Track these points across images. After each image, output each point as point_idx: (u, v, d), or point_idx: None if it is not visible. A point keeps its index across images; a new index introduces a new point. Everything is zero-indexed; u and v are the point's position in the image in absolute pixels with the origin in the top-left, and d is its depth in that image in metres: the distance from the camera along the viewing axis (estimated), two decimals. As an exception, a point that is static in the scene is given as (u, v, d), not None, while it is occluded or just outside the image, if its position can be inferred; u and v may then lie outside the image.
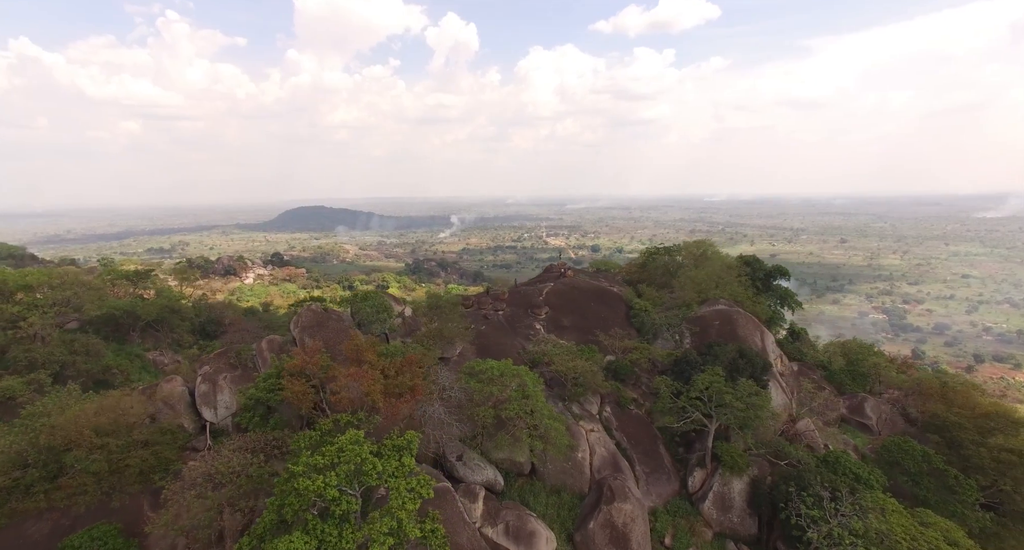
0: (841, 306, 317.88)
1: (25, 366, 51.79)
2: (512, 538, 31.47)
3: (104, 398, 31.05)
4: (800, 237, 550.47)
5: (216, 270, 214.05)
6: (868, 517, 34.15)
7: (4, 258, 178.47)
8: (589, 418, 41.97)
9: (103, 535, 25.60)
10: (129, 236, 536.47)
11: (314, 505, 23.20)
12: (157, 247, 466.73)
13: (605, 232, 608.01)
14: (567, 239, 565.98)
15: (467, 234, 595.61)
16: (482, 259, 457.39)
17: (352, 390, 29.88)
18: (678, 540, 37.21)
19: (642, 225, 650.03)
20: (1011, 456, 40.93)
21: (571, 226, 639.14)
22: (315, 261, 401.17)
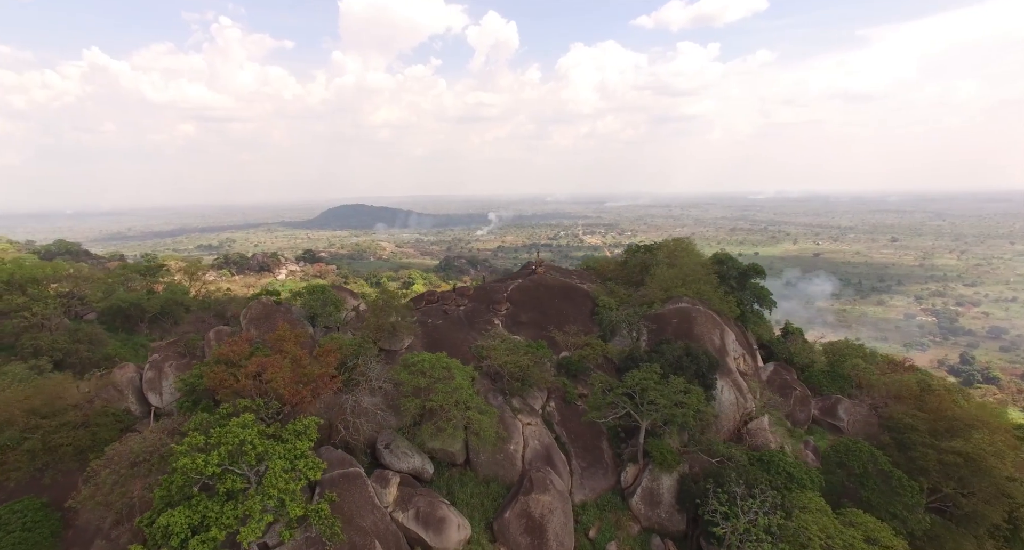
0: (886, 308, 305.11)
1: (31, 352, 56.15)
2: (421, 523, 32.73)
3: (41, 382, 34.00)
4: (847, 236, 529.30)
5: (251, 266, 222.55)
6: (793, 515, 34.06)
7: (62, 253, 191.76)
8: (529, 412, 42.72)
9: (25, 508, 28.30)
10: (182, 233, 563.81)
11: (199, 482, 25.04)
12: (206, 244, 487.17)
13: (643, 230, 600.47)
14: (603, 237, 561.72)
15: (504, 232, 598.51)
16: (516, 257, 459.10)
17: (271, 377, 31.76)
18: (602, 533, 37.71)
19: (681, 223, 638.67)
20: (956, 458, 39.96)
21: (608, 224, 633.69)
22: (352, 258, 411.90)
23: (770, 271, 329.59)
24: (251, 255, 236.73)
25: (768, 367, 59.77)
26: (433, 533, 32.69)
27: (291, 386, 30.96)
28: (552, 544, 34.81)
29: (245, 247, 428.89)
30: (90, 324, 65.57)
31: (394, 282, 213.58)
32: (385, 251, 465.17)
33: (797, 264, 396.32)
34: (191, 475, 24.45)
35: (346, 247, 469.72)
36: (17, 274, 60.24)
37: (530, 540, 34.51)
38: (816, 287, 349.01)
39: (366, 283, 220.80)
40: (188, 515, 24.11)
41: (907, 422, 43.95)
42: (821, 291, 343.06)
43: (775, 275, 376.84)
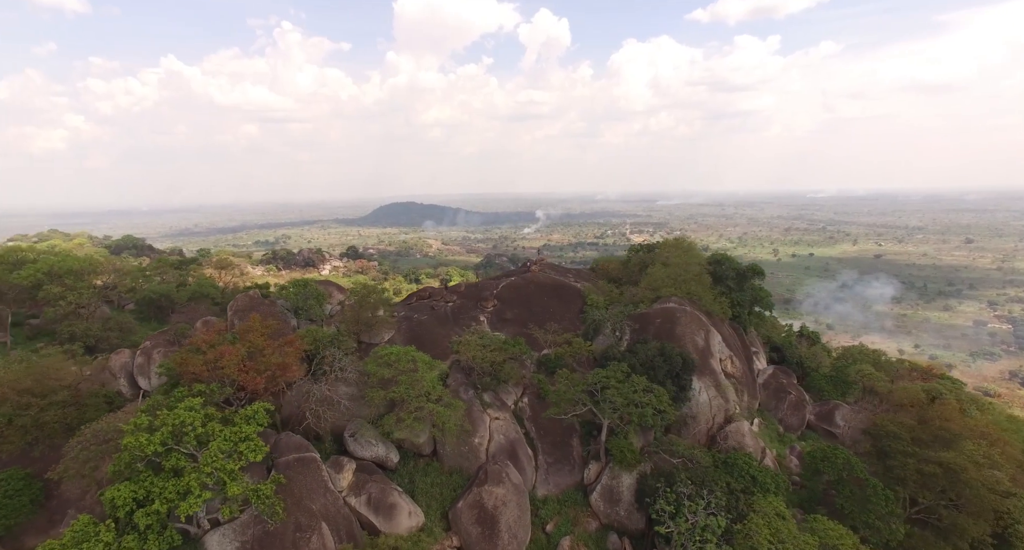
0: (953, 313, 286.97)
1: (67, 338, 61.29)
2: (372, 508, 34.20)
3: (35, 363, 37.49)
4: (915, 236, 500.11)
5: (297, 262, 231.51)
6: (747, 518, 33.79)
7: (128, 247, 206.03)
8: (499, 407, 43.52)
9: (9, 477, 31.47)
10: (243, 230, 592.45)
11: (144, 460, 27.28)
12: (263, 239, 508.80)
13: (692, 229, 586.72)
14: (651, 236, 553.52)
15: (550, 230, 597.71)
16: (561, 255, 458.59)
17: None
18: (559, 528, 38.16)
19: (734, 222, 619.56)
20: (936, 468, 38.33)
21: (658, 223, 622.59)
22: (400, 255, 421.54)
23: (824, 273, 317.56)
24: (297, 251, 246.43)
25: (767, 370, 58.23)
26: (383, 518, 34.10)
27: (245, 373, 33.02)
28: (504, 535, 35.55)
29: (299, 243, 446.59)
30: (123, 313, 70.76)
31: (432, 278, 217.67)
32: (432, 248, 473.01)
33: (855, 266, 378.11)
34: (135, 453, 26.70)
35: (394, 244, 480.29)
36: (57, 266, 65.71)
37: (481, 530, 35.37)
38: (874, 290, 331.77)
39: (404, 279, 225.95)
40: (133, 489, 26.42)
41: (890, 430, 42.22)
42: (880, 295, 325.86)
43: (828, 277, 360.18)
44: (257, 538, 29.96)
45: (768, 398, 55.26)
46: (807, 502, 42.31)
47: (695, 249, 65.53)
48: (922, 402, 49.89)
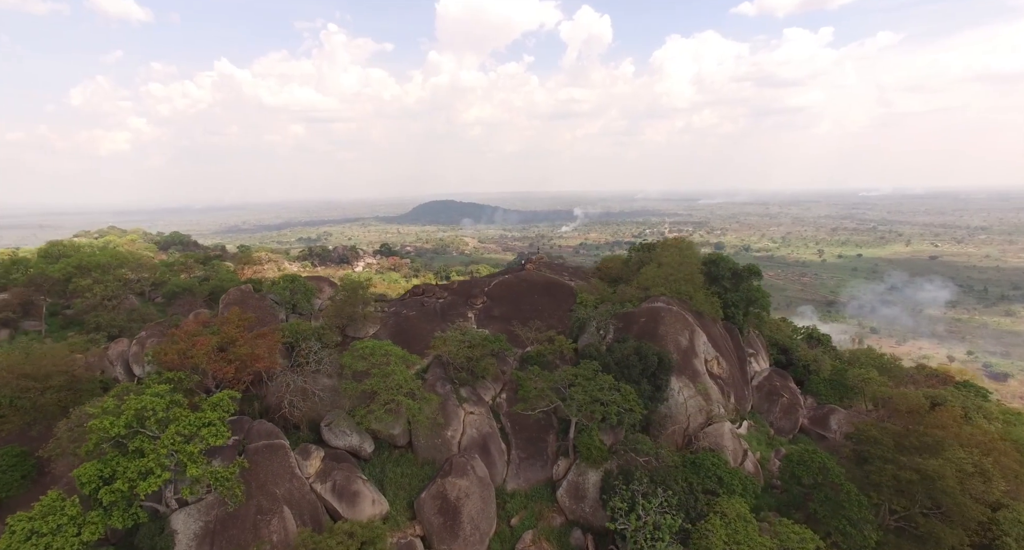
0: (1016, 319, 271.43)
1: (93, 328, 65.47)
2: (336, 495, 35.53)
3: (36, 349, 40.43)
4: (976, 237, 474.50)
5: (332, 258, 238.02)
6: (706, 519, 33.75)
7: (176, 244, 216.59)
8: (476, 402, 44.29)
9: (4, 454, 34.24)
10: (287, 227, 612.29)
11: (110, 441, 29.26)
12: (306, 236, 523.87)
13: (734, 229, 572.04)
14: (691, 235, 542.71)
15: (588, 229, 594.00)
16: (598, 254, 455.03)
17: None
18: (523, 522, 38.66)
19: (778, 222, 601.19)
20: (913, 475, 37.10)
21: (698, 222, 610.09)
22: (436, 252, 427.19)
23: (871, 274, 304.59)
24: (332, 248, 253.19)
25: (763, 372, 57.04)
26: (347, 505, 35.40)
27: (215, 363, 34.87)
28: (466, 527, 36.36)
29: (340, 240, 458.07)
30: (149, 305, 74.89)
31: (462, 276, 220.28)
32: (468, 246, 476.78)
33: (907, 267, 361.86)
34: (101, 434, 28.70)
35: (431, 242, 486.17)
36: (86, 261, 70.23)
37: (443, 520, 36.25)
38: (927, 293, 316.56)
39: (435, 277, 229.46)
40: (99, 468, 28.45)
41: (871, 434, 41.02)
42: (933, 298, 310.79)
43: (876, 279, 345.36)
44: (220, 519, 31.73)
45: (761, 401, 54.14)
46: (785, 506, 41.46)
47: (692, 249, 64.52)
48: (920, 408, 47.96)
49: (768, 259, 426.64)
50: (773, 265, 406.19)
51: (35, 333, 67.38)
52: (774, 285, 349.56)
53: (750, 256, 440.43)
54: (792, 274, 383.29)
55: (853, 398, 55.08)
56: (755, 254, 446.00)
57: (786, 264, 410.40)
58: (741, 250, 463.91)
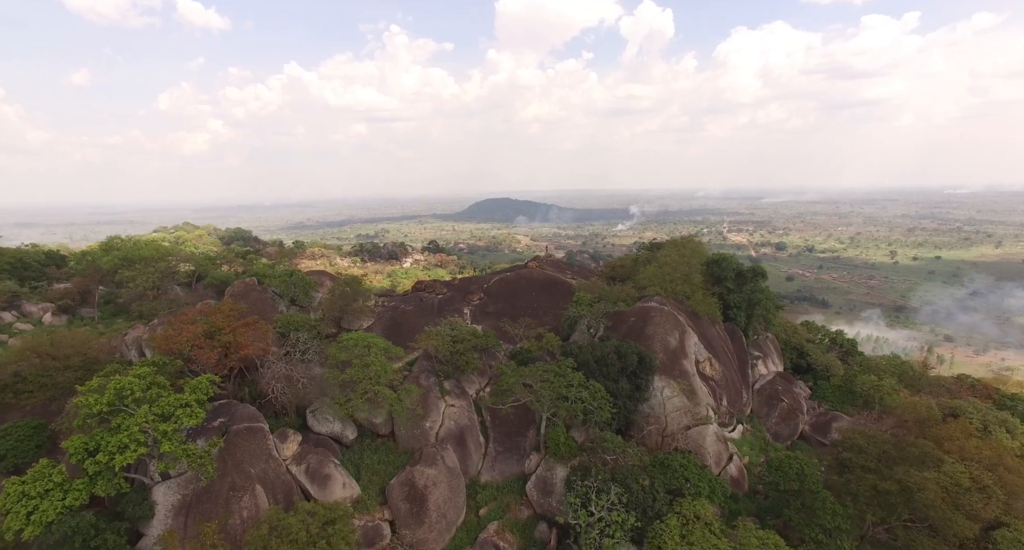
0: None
1: (136, 316, 71.24)
2: (309, 477, 37.58)
3: (58, 333, 44.64)
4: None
5: (382, 254, 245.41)
6: (663, 519, 33.85)
7: (237, 239, 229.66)
8: (458, 395, 45.42)
9: (24, 426, 38.10)
10: (348, 224, 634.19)
11: (96, 417, 32.28)
12: (365, 233, 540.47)
13: (798, 228, 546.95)
14: (751, 235, 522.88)
15: (644, 227, 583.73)
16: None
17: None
18: (491, 513, 39.51)
19: (847, 221, 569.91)
20: (893, 486, 35.84)
21: (760, 221, 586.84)
22: (488, 250, 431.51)
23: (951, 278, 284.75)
24: (382, 245, 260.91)
25: (768, 376, 55.28)
26: (318, 486, 37.38)
27: (199, 349, 37.61)
28: (432, 514, 37.65)
29: (396, 237, 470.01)
30: (192, 294, 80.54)
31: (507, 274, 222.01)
32: (520, 244, 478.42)
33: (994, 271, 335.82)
34: (86, 411, 31.76)
35: (484, 239, 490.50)
36: (131, 254, 76.33)
37: (410, 507, 37.66)
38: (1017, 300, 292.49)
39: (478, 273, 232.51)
40: (85, 441, 31.46)
41: (856, 443, 39.37)
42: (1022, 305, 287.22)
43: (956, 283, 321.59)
44: (196, 493, 34.37)
45: (760, 405, 52.59)
46: (765, 512, 40.44)
47: (696, 249, 62.83)
48: (928, 419, 45.55)
49: (833, 260, 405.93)
50: (838, 267, 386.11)
51: (89, 319, 73.96)
52: (837, 288, 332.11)
53: (813, 257, 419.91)
54: (859, 276, 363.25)
55: (866, 406, 52.46)
56: (819, 255, 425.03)
57: (852, 266, 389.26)
58: (804, 251, 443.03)
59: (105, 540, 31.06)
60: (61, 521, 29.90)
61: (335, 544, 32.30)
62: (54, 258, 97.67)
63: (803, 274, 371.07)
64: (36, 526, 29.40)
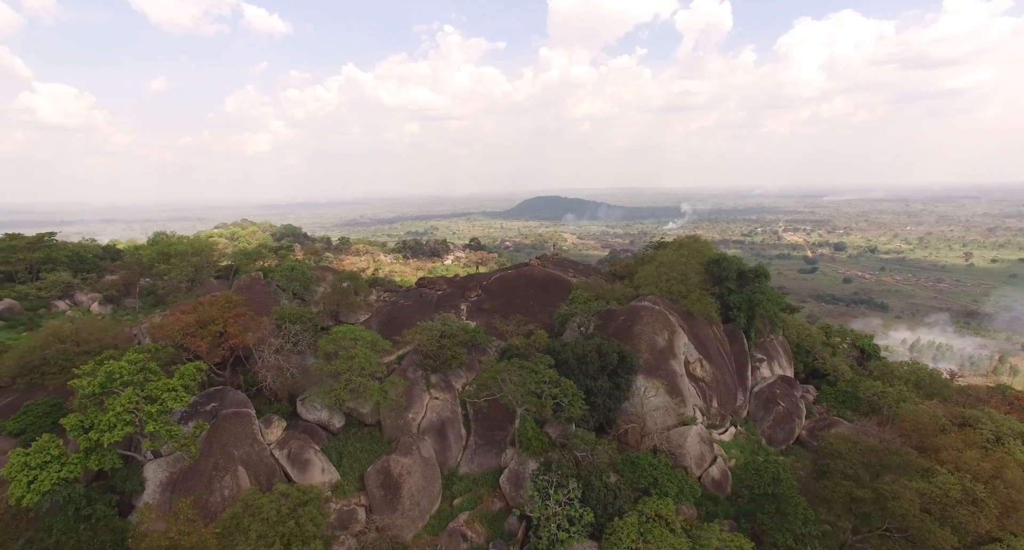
0: None
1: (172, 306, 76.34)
2: (290, 461, 39.63)
3: (77, 320, 48.52)
4: None
5: (424, 251, 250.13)
6: (623, 516, 34.23)
7: (287, 235, 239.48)
8: (444, 388, 46.63)
9: (43, 404, 41.86)
10: (399, 221, 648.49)
11: (91, 397, 35.24)
12: (415, 230, 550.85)
13: (861, 228, 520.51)
14: (808, 235, 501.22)
15: (695, 226, 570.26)
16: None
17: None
18: (464, 504, 40.48)
19: (918, 220, 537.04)
20: (867, 494, 34.71)
21: (819, 221, 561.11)
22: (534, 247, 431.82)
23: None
24: (425, 242, 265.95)
25: (768, 379, 53.81)
26: (298, 470, 39.39)
27: (190, 338, 40.25)
28: (405, 501, 39.06)
29: (445, 234, 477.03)
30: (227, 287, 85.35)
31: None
32: (567, 242, 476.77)
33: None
34: (80, 392, 34.78)
35: (530, 237, 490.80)
36: (166, 248, 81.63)
37: (384, 493, 39.15)
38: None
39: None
40: (80, 419, 34.45)
41: (838, 449, 37.97)
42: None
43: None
44: (182, 471, 37.01)
45: (757, 408, 51.31)
46: (745, 515, 39.75)
47: (701, 248, 61.39)
48: (928, 427, 43.63)
49: (898, 262, 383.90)
50: (903, 268, 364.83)
51: (131, 309, 79.78)
52: (899, 291, 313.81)
53: (875, 258, 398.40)
54: (926, 279, 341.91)
55: (872, 412, 50.21)
56: (882, 256, 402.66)
57: (919, 268, 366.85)
58: (865, 251, 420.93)
59: (95, 510, 33.96)
60: (56, 491, 32.88)
61: (303, 525, 33.96)
62: (110, 252, 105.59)
63: (863, 276, 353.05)
64: (35, 494, 32.41)
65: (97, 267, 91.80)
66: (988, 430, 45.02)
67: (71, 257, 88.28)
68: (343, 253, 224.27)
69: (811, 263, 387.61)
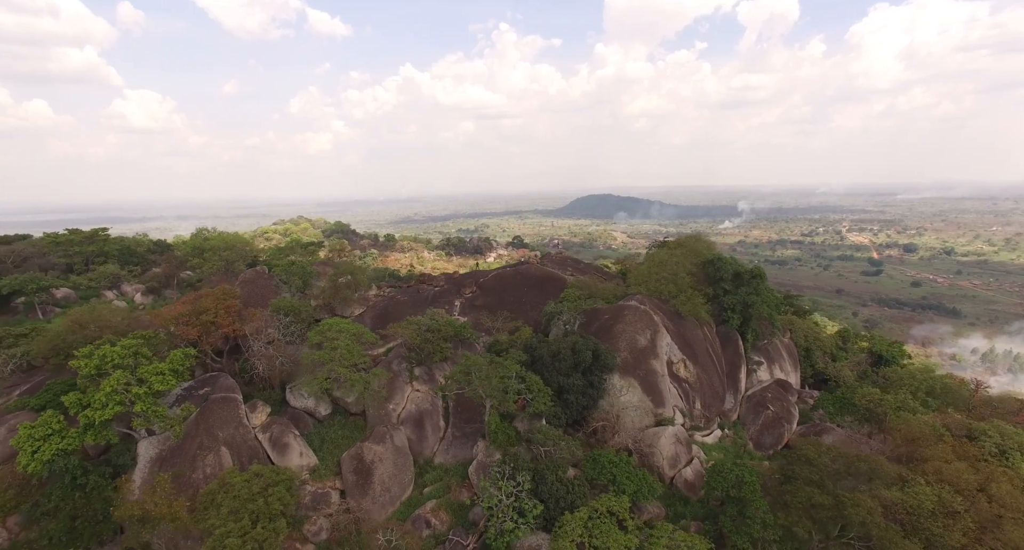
0: None
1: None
2: (271, 444, 42.04)
3: (95, 307, 52.79)
4: None
5: (467, 248, 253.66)
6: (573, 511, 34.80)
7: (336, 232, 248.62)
8: (427, 381, 48.14)
9: (63, 383, 45.66)
10: (452, 218, 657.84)
11: (88, 378, 38.66)
12: (466, 228, 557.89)
13: (937, 228, 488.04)
14: (875, 235, 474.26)
15: (752, 225, 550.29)
16: (756, 253, 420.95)
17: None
18: (433, 492, 41.75)
19: (1007, 220, 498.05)
20: (826, 500, 34.02)
21: (888, 220, 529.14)
22: (583, 246, 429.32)
23: None
24: (468, 239, 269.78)
25: (763, 383, 52.28)
26: (278, 453, 41.75)
27: (183, 326, 43.28)
28: (376, 486, 40.83)
29: (495, 231, 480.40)
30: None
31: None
32: (616, 241, 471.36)
33: None
34: (81, 372, 38.25)
35: (580, 235, 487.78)
36: (200, 244, 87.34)
37: (356, 479, 41.00)
38: None
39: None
40: (79, 397, 37.94)
41: (807, 454, 36.98)
42: None
43: None
44: (171, 449, 39.99)
45: (747, 412, 50.17)
46: (713, 517, 39.24)
47: (697, 248, 59.99)
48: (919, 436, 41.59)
49: (978, 264, 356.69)
50: (983, 272, 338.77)
51: (170, 299, 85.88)
52: (977, 296, 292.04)
53: (951, 260, 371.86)
54: (1011, 284, 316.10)
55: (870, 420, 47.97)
56: (959, 258, 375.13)
57: (1003, 272, 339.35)
58: (940, 253, 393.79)
59: (89, 480, 37.44)
60: (55, 461, 36.43)
61: (271, 503, 36.08)
62: (160, 246, 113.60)
63: (935, 279, 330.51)
64: (37, 463, 36.03)
65: (144, 260, 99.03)
66: (992, 443, 42.34)
67: (121, 251, 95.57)
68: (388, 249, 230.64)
69: (876, 265, 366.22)
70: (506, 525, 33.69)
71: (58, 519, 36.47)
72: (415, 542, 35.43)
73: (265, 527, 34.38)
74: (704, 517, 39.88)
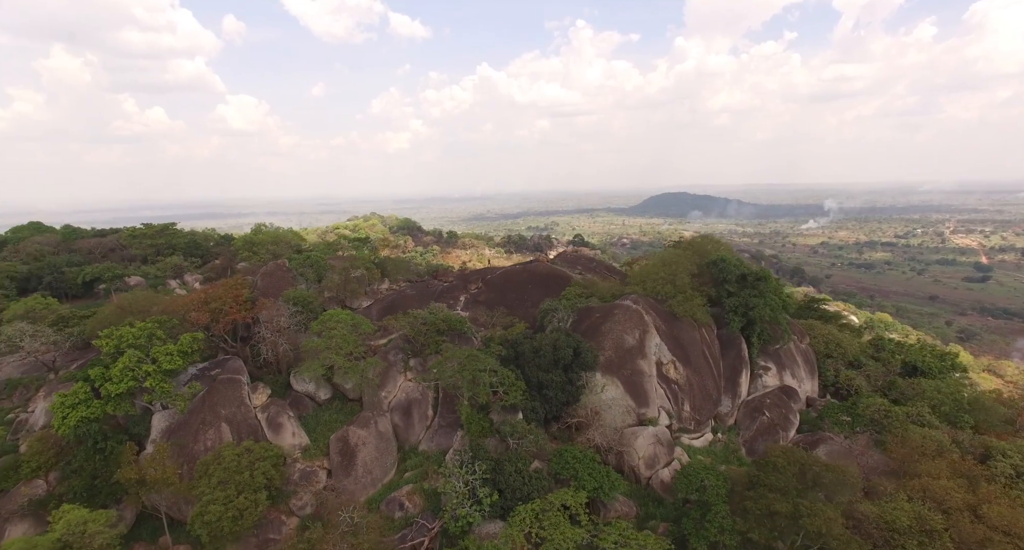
0: None
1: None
2: (267, 423, 45.50)
3: (138, 294, 58.59)
4: None
5: (528, 246, 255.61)
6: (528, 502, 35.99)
7: (403, 228, 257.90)
8: (421, 371, 50.19)
9: (98, 361, 52.02)
10: (523, 216, 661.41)
11: (111, 355, 43.51)
12: (536, 225, 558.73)
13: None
14: (986, 237, 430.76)
15: (838, 226, 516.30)
16: (839, 256, 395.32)
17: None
18: (413, 477, 43.66)
19: None
20: (786, 508, 33.28)
21: (1004, 221, 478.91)
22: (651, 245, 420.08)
23: None
24: (529, 237, 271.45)
25: (766, 389, 50.28)
26: (272, 432, 45.12)
27: (195, 312, 47.57)
28: (359, 469, 43.33)
29: (565, 230, 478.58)
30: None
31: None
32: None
33: None
34: (104, 350, 43.17)
35: (649, 234, 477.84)
36: (249, 239, 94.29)
37: (341, 460, 43.65)
38: None
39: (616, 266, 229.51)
40: (102, 372, 42.86)
41: (776, 462, 35.85)
42: None
43: None
44: (179, 422, 44.22)
45: (744, 417, 48.52)
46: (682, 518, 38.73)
47: (706, 247, 57.67)
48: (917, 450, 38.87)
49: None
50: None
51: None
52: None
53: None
54: None
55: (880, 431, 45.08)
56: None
57: None
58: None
59: (107, 445, 42.27)
60: (79, 426, 41.52)
61: (255, 476, 39.44)
62: (226, 240, 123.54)
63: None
64: (66, 427, 41.32)
65: (208, 253, 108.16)
66: (1008, 463, 38.80)
67: (188, 244, 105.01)
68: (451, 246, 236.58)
69: (983, 271, 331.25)
70: (460, 511, 35.02)
71: (81, 477, 41.49)
72: (376, 522, 37.36)
73: (247, 497, 37.68)
74: (676, 519, 39.34)
